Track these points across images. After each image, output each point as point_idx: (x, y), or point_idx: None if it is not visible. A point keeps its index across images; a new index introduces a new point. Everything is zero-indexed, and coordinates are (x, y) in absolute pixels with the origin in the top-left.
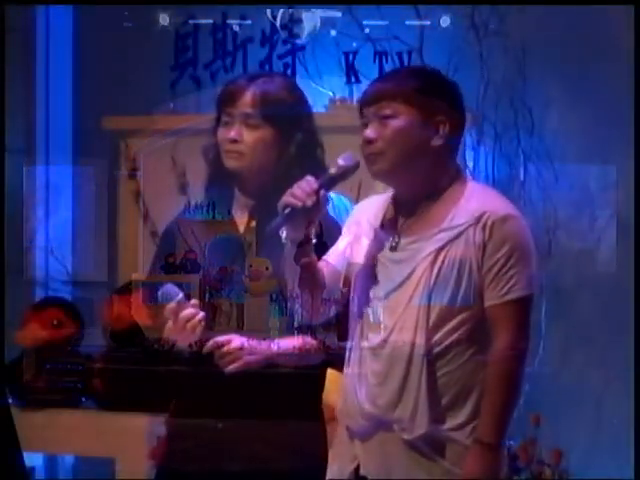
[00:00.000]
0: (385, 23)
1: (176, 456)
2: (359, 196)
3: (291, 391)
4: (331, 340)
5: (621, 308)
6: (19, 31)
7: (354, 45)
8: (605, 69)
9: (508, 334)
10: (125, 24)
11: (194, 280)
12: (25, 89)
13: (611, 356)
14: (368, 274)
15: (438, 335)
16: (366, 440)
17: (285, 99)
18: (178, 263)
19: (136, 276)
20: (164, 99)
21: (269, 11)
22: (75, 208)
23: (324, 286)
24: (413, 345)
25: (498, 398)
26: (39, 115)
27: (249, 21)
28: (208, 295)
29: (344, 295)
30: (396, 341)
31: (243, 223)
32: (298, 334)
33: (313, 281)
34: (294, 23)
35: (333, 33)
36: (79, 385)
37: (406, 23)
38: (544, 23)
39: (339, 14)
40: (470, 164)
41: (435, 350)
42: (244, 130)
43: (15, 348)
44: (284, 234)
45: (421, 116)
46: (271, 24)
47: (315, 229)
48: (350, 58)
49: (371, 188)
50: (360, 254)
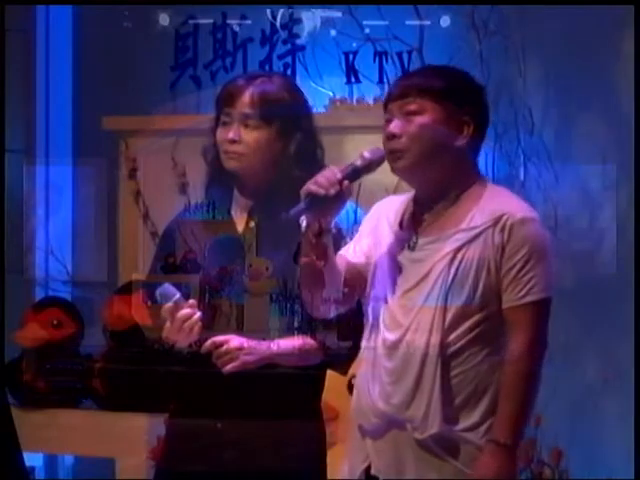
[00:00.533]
0: (385, 23)
1: (175, 456)
2: (359, 198)
3: (291, 391)
4: (331, 340)
5: (621, 308)
6: (19, 31)
7: (354, 45)
8: (605, 69)
9: (526, 336)
10: (125, 24)
11: (194, 280)
12: (25, 89)
13: (611, 356)
14: (385, 273)
15: (453, 335)
16: (378, 439)
17: (284, 99)
18: (178, 263)
19: (136, 276)
20: (164, 99)
21: (269, 11)
22: (75, 208)
23: (339, 282)
24: (428, 345)
25: (515, 399)
26: (39, 115)
27: (249, 21)
28: (208, 295)
29: (346, 295)
30: (411, 340)
31: (242, 223)
32: (298, 334)
33: (321, 277)
34: (294, 23)
35: (333, 33)
36: (79, 385)
37: (406, 23)
38: (544, 23)
39: (339, 14)
40: None
41: (450, 350)
42: (243, 130)
43: (15, 348)
44: (304, 223)
45: (447, 115)
46: (271, 24)
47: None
48: (350, 58)
49: (371, 193)
50: (378, 253)
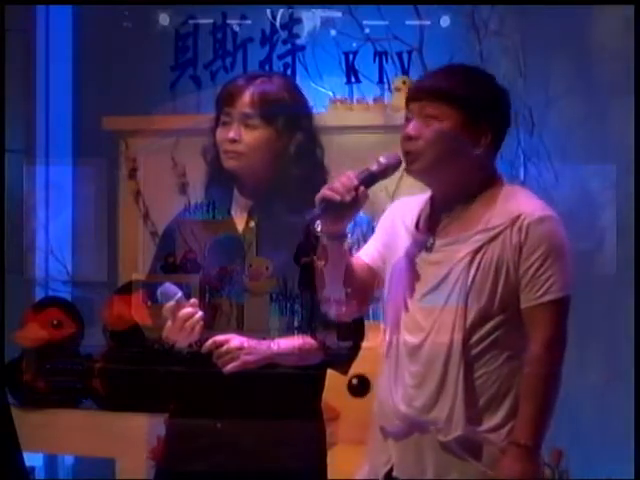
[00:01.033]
0: (385, 23)
1: (175, 456)
2: None
3: (291, 391)
4: (331, 340)
5: (621, 308)
6: (19, 31)
7: (354, 45)
8: (605, 69)
9: (544, 336)
10: (125, 24)
11: (194, 280)
12: (25, 89)
13: (611, 356)
14: (402, 275)
15: (475, 337)
16: (400, 440)
17: (284, 99)
18: (178, 263)
19: (136, 276)
20: (164, 99)
21: (269, 11)
22: (75, 208)
23: (354, 283)
24: (451, 347)
25: (535, 400)
26: (39, 115)
27: (249, 21)
28: (208, 295)
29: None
30: (434, 343)
31: (242, 223)
32: (298, 334)
33: (344, 279)
34: (294, 23)
35: (333, 33)
36: (79, 385)
37: (406, 23)
38: (544, 23)
39: (339, 14)
40: None
41: (473, 352)
42: (243, 130)
43: (15, 348)
44: (319, 228)
45: (466, 123)
46: (271, 24)
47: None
48: (350, 58)
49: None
50: (394, 254)
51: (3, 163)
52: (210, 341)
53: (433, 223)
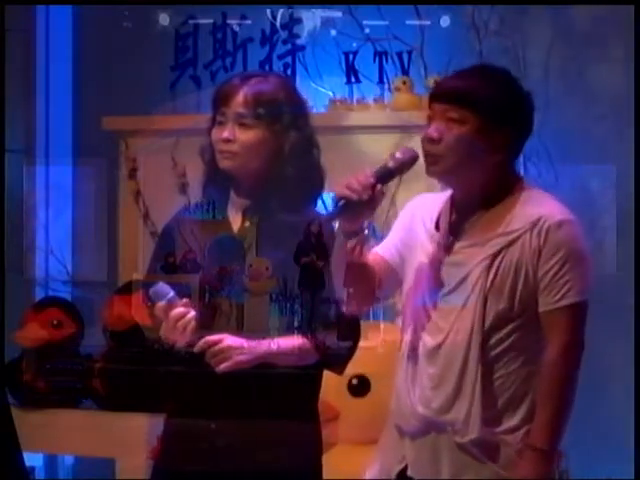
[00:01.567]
0: (385, 23)
1: (172, 456)
2: None
3: (288, 392)
4: (331, 340)
5: (621, 308)
6: (19, 31)
7: (354, 45)
8: (605, 69)
9: (562, 340)
10: (125, 24)
11: (194, 280)
12: (25, 89)
13: (611, 356)
14: (421, 275)
15: (493, 339)
16: (417, 439)
17: (279, 99)
18: (178, 263)
19: (136, 276)
20: (164, 99)
21: (269, 11)
22: (75, 208)
23: (373, 280)
24: (469, 349)
25: (552, 404)
26: (39, 115)
27: (249, 21)
28: (208, 295)
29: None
30: (452, 344)
31: (237, 223)
32: (298, 334)
33: (361, 276)
34: (294, 23)
35: (333, 33)
36: (79, 385)
37: (406, 23)
38: (544, 23)
39: (339, 14)
40: None
41: (490, 354)
42: (237, 130)
43: (15, 348)
44: (337, 225)
45: (488, 128)
46: (271, 24)
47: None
48: (350, 58)
49: None
50: (412, 253)
51: (3, 163)
52: (202, 341)
53: (453, 224)
